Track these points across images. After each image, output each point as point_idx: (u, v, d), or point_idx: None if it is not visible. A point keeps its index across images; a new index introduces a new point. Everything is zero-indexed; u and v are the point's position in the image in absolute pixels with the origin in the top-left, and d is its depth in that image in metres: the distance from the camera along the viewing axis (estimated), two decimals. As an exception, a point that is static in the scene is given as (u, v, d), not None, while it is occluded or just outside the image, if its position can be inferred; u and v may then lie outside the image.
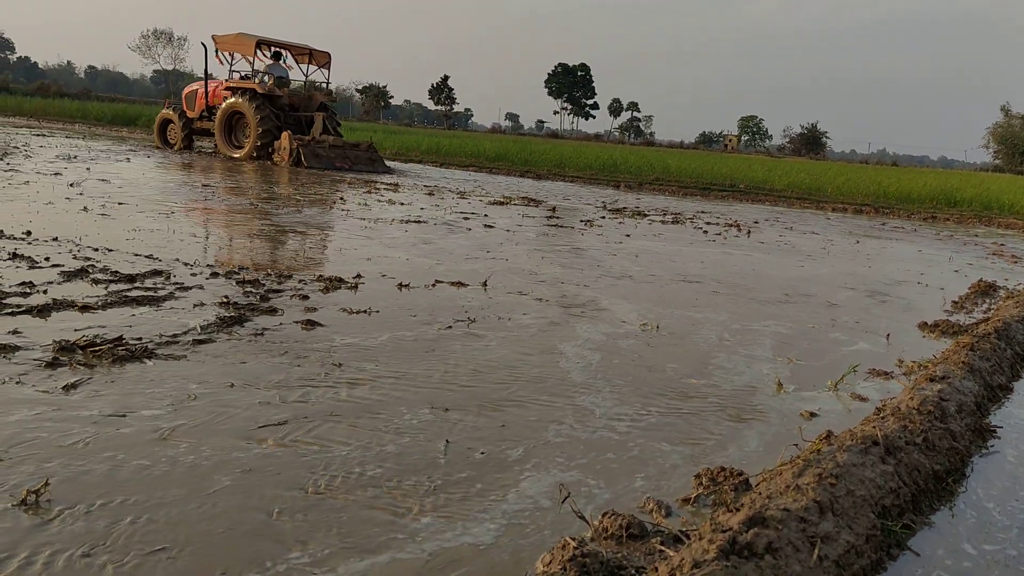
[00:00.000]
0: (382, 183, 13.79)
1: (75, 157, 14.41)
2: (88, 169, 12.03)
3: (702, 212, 13.30)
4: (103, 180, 10.42)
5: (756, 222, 12.17)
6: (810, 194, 19.04)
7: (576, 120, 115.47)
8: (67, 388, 2.88)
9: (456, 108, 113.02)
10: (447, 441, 2.71)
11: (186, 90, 20.18)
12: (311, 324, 4.01)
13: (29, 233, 5.84)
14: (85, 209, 7.53)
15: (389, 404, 3.02)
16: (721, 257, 7.91)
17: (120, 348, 3.31)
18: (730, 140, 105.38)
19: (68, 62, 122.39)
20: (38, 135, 21.85)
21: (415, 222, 8.66)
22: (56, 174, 10.74)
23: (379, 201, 10.68)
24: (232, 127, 18.29)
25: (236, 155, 17.85)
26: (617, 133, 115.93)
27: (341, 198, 10.67)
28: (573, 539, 1.95)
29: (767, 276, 6.91)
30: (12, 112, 36.23)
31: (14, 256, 4.98)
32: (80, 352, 3.25)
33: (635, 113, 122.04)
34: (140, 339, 3.48)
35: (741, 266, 7.40)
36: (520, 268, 6.25)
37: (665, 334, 4.50)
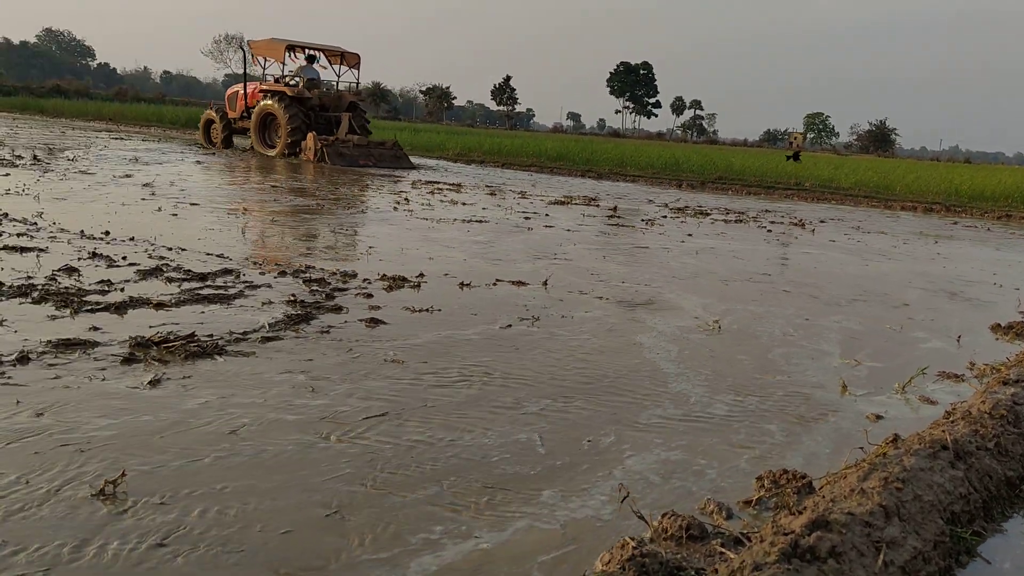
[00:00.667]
0: (445, 184, 13.91)
1: (148, 160, 14.89)
2: (159, 172, 12.43)
3: (766, 211, 13.07)
4: (173, 183, 10.75)
5: (822, 221, 11.91)
6: (878, 192, 18.53)
7: (638, 119, 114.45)
8: (151, 383, 3.00)
9: (518, 108, 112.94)
10: (540, 436, 2.75)
11: (228, 92, 21.22)
12: (375, 322, 4.08)
13: (107, 233, 6.08)
14: (159, 210, 7.79)
15: (476, 398, 3.07)
16: (787, 255, 7.78)
17: (192, 345, 3.43)
18: (795, 138, 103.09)
19: (144, 67, 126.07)
20: (116, 138, 22.65)
21: (477, 222, 8.72)
22: (129, 175, 11.13)
23: (442, 201, 10.78)
24: (266, 127, 19.16)
25: (270, 153, 18.69)
26: (679, 132, 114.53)
27: (405, 198, 10.80)
28: (632, 539, 1.96)
29: (834, 274, 6.77)
30: (92, 116, 37.56)
31: (94, 255, 5.18)
32: (155, 348, 3.37)
33: (698, 111, 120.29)
34: (211, 336, 3.60)
35: (807, 264, 7.26)
36: (582, 267, 6.25)
37: (734, 330, 4.47)
